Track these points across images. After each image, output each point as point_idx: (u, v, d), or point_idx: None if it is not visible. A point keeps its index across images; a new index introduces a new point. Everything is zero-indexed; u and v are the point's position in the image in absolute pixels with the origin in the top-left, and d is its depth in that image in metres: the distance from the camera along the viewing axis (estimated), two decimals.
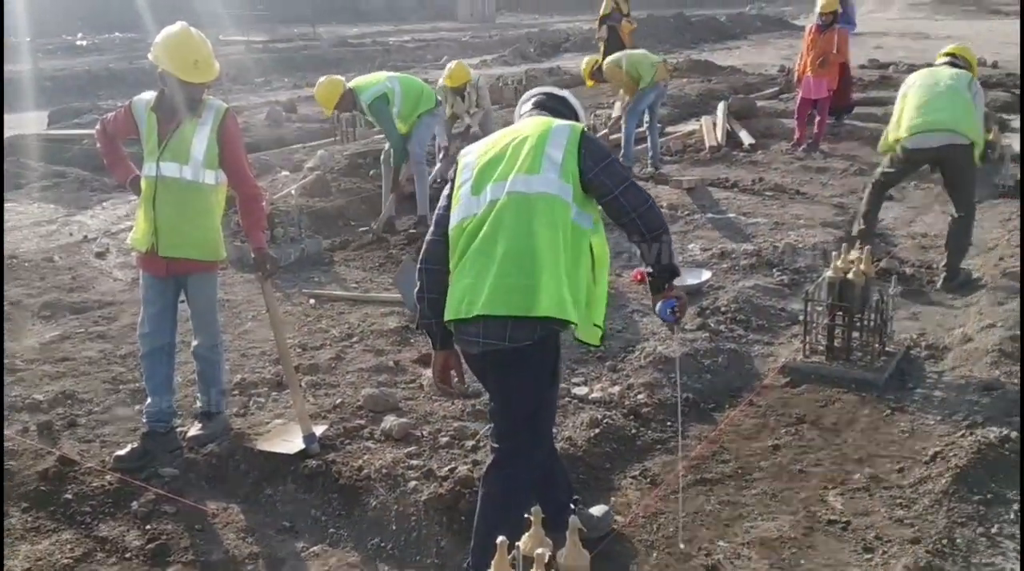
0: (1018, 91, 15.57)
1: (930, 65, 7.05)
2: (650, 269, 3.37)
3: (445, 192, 3.38)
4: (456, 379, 3.51)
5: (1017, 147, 10.58)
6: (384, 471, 4.08)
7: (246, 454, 4.36)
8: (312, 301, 6.59)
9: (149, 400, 4.48)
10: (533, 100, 3.58)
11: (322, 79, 8.32)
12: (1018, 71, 18.28)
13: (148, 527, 3.93)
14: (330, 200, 9.10)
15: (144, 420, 4.50)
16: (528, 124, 3.36)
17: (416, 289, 3.37)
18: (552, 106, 3.52)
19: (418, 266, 3.37)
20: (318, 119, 14.26)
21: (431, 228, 3.38)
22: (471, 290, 3.11)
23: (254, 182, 4.51)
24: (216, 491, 4.23)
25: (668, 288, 3.37)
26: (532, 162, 3.17)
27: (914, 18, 37.39)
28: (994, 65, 19.32)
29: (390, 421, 4.53)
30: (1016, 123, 13.20)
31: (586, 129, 3.32)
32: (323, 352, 5.62)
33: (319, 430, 4.41)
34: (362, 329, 5.98)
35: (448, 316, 3.21)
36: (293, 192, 8.72)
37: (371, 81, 8.18)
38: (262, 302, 5.13)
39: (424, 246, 3.37)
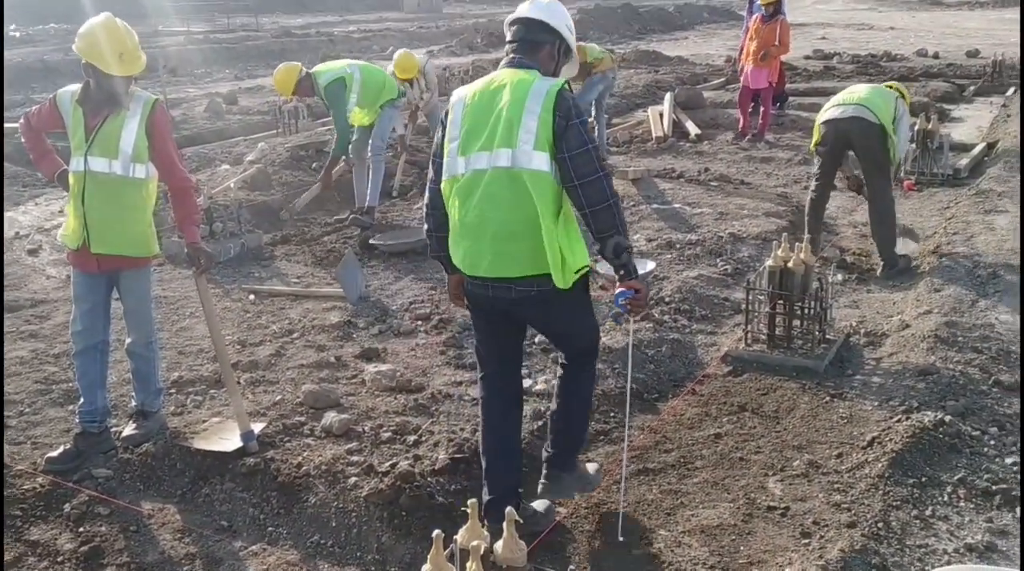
0: (958, 81, 15.90)
1: (872, 57, 7.20)
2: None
3: (436, 138, 3.61)
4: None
5: (956, 136, 10.80)
6: (324, 468, 4.02)
7: (182, 453, 4.28)
8: (252, 296, 6.49)
9: (82, 399, 4.37)
10: (513, 30, 3.58)
11: (280, 65, 8.25)
12: (958, 61, 18.69)
13: (81, 530, 3.84)
14: (271, 194, 8.97)
15: (77, 420, 4.39)
16: (510, 83, 3.40)
17: (425, 229, 3.76)
18: (532, 38, 3.53)
19: (424, 211, 3.75)
20: (259, 111, 14.11)
21: (430, 174, 3.65)
22: (472, 253, 3.45)
23: (186, 175, 4.41)
24: (152, 491, 4.14)
25: (624, 273, 3.43)
26: (511, 135, 3.32)
27: (858, 9, 37.95)
28: (935, 56, 19.69)
29: (331, 417, 4.47)
30: (956, 113, 13.49)
31: (564, 89, 3.35)
32: (263, 348, 5.53)
33: (257, 427, 4.34)
34: (303, 324, 5.90)
35: (456, 267, 3.59)
36: (232, 185, 8.58)
37: (331, 67, 8.13)
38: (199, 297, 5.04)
39: (427, 193, 3.70)
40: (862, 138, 6.57)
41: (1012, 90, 14.62)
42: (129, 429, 4.43)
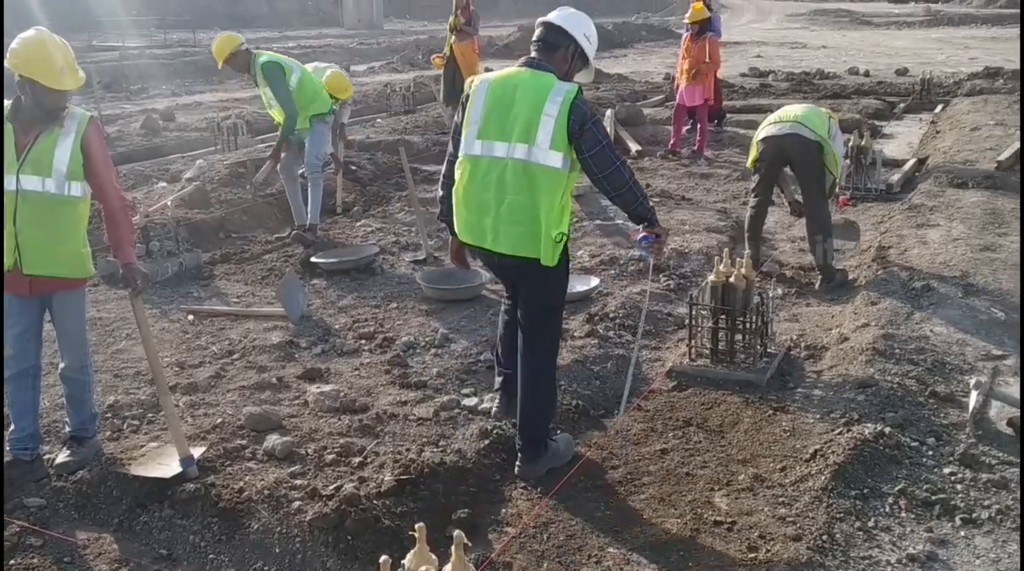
0: (889, 99, 16.32)
1: (806, 75, 7.37)
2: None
3: (457, 116, 4.16)
4: (469, 257, 4.45)
5: (888, 152, 11.07)
6: (266, 492, 3.93)
7: (119, 480, 4.15)
8: (191, 317, 6.34)
9: (13, 426, 4.22)
10: (538, 31, 4.14)
11: (221, 33, 8.14)
12: (888, 79, 19.20)
13: (12, 562, 3.69)
14: (209, 212, 8.82)
15: (8, 448, 4.23)
16: (529, 85, 3.95)
17: (440, 195, 4.31)
18: (550, 40, 4.09)
19: (441, 180, 4.30)
20: (197, 128, 13.90)
21: (449, 149, 4.21)
22: (476, 226, 4.05)
23: (121, 194, 4.30)
24: (87, 520, 4.01)
25: (648, 225, 4.13)
26: (529, 133, 3.88)
27: (791, 28, 38.85)
28: (866, 74, 20.19)
29: (273, 440, 4.38)
30: (888, 129, 13.84)
31: (578, 97, 3.87)
32: (202, 370, 5.41)
33: (197, 452, 4.23)
34: (244, 345, 5.79)
35: (459, 235, 4.20)
36: (169, 203, 8.41)
37: (273, 54, 8.05)
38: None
39: (445, 164, 4.24)
40: (800, 154, 6.70)
41: (940, 107, 15.06)
42: (63, 456, 4.29)
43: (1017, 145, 10.45)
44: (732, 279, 5.27)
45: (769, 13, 45.42)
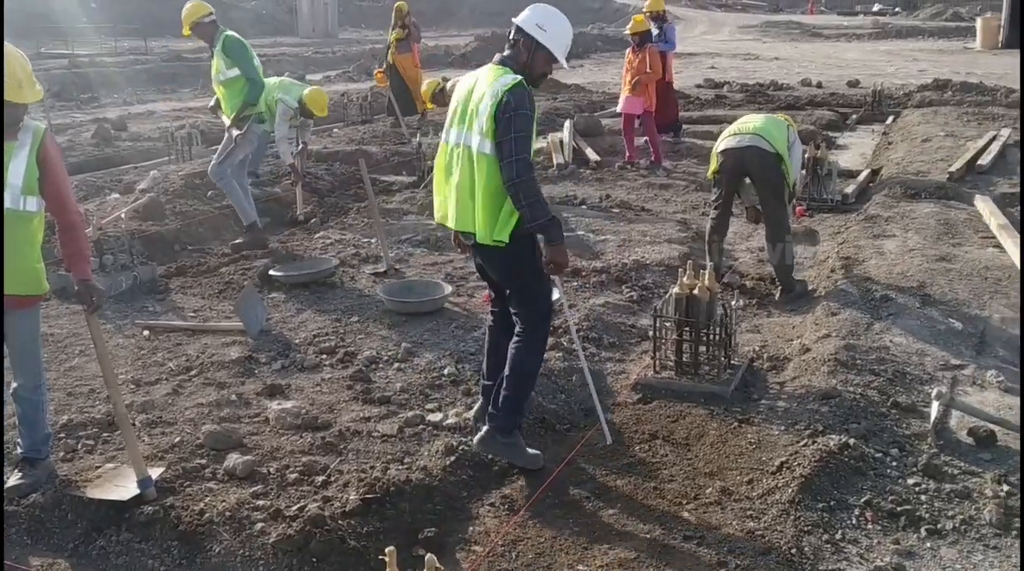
0: (841, 110, 16.56)
1: (760, 86, 7.40)
2: None
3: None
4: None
5: (842, 163, 11.22)
6: (228, 514, 3.84)
7: (74, 503, 4.02)
8: (146, 332, 6.20)
9: None
10: (510, 31, 4.35)
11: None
12: (840, 90, 19.50)
13: None
14: (164, 224, 8.65)
15: None
16: (485, 79, 4.22)
17: None
18: (511, 36, 4.32)
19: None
20: (150, 137, 13.67)
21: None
22: (442, 206, 4.41)
23: (77, 208, 4.19)
24: (40, 546, 3.88)
25: (545, 241, 4.25)
26: (473, 121, 4.18)
27: (744, 40, 39.31)
28: (819, 85, 20.48)
29: (233, 459, 4.28)
30: (842, 140, 14.04)
31: (511, 88, 4.06)
32: (159, 387, 5.28)
33: (155, 473, 4.13)
34: (201, 361, 5.67)
35: (435, 217, 4.52)
36: (123, 216, 8.24)
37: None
38: (90, 336, 4.79)
39: None
40: (759, 167, 6.74)
41: (891, 118, 15.32)
42: (14, 479, 4.15)
43: (968, 155, 10.67)
44: (696, 291, 5.28)
45: (722, 25, 45.94)
